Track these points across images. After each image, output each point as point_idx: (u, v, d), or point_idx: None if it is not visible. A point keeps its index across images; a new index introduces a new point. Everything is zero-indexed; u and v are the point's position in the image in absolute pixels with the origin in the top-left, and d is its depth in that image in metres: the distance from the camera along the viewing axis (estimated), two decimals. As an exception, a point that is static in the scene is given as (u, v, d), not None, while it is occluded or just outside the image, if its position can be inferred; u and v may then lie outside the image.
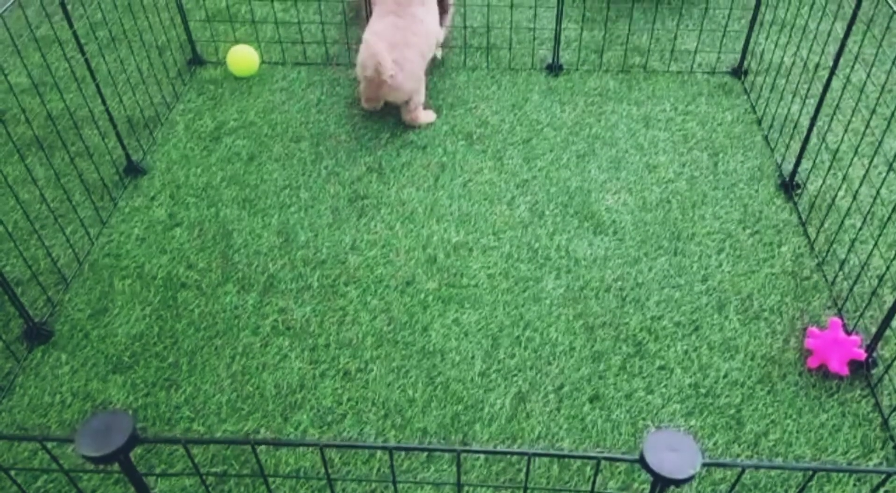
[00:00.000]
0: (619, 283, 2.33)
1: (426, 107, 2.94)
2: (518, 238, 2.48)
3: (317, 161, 2.77)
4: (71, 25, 2.31)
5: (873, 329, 2.11)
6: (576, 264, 2.39)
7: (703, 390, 2.05)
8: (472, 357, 2.13)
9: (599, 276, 2.35)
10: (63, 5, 2.26)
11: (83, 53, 2.40)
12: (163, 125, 2.95)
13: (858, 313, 2.20)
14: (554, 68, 3.20)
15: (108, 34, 3.20)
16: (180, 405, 2.02)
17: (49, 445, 1.82)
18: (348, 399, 2.04)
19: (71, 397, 2.03)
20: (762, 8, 3.02)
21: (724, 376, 2.08)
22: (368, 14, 3.09)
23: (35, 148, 2.79)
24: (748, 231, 2.49)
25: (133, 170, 2.72)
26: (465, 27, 3.42)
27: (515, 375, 2.09)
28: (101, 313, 2.25)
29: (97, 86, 2.50)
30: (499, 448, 1.92)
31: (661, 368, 2.10)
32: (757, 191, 2.63)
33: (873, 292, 2.22)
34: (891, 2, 2.17)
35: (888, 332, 2.13)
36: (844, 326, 2.14)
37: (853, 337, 2.05)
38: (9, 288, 2.04)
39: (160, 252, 2.44)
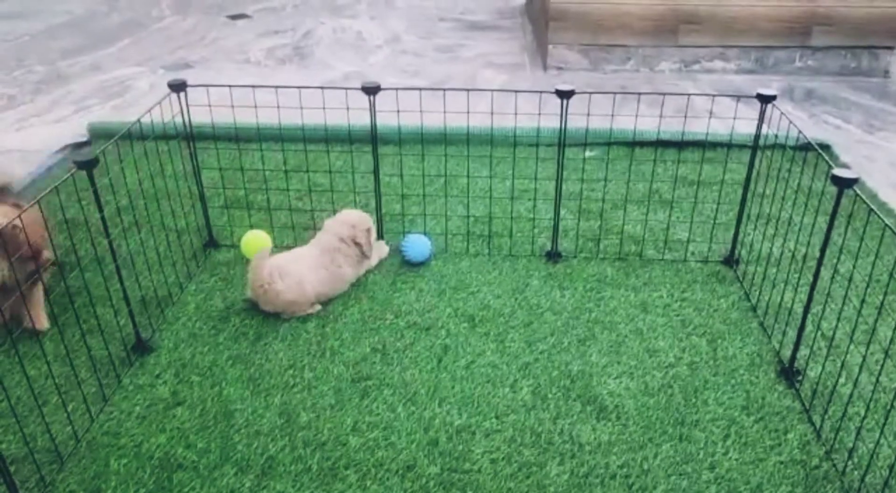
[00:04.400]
0: (625, 469, 2.28)
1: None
2: (521, 422, 2.46)
3: (322, 341, 2.82)
4: (101, 210, 2.47)
5: (890, 523, 2.04)
6: (580, 450, 2.35)
7: None
8: (475, 548, 2.04)
9: (604, 462, 2.30)
10: (95, 193, 2.43)
11: (108, 236, 2.54)
12: (174, 304, 3.03)
13: (873, 506, 2.14)
14: (553, 256, 3.35)
15: (133, 218, 3.38)
16: None
17: None
18: None
19: None
20: (748, 203, 3.22)
21: (740, 574, 1.98)
22: (379, 206, 3.29)
23: (49, 324, 2.86)
24: (752, 418, 2.47)
25: (141, 348, 2.76)
26: (468, 216, 3.62)
27: (520, 569, 1.99)
28: (94, 494, 2.19)
29: (117, 266, 2.62)
30: None
31: (673, 563, 2.00)
32: (758, 377, 2.65)
33: (885, 483, 2.16)
34: (866, 199, 2.32)
35: (906, 526, 2.06)
36: (860, 519, 2.07)
37: (870, 531, 1.98)
38: (4, 466, 2.00)
39: (159, 431, 2.42)
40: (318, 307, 3.00)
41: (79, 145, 4.48)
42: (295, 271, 2.95)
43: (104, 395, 2.56)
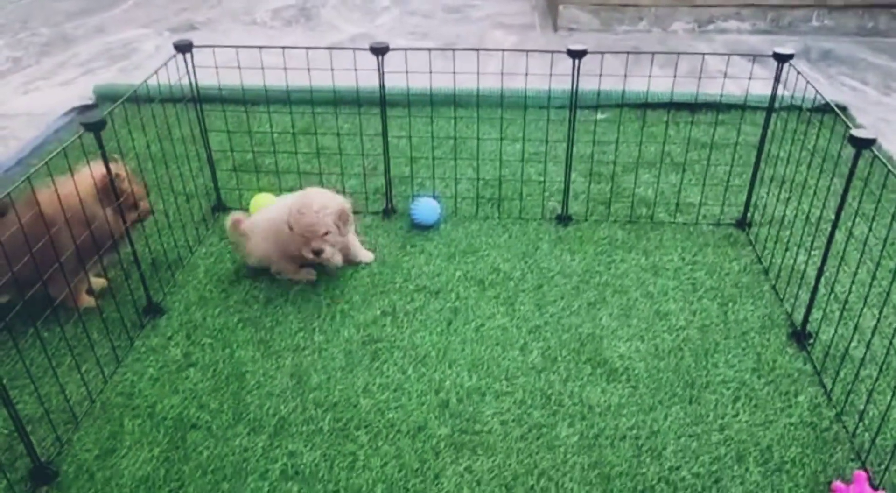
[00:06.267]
0: (635, 431, 2.29)
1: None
2: (531, 384, 2.47)
3: (332, 304, 2.82)
4: (109, 173, 2.45)
5: (900, 484, 2.05)
6: (590, 411, 2.36)
7: (726, 548, 1.96)
8: (485, 508, 2.06)
9: (614, 424, 2.31)
10: (104, 155, 2.41)
11: (117, 198, 2.54)
12: (184, 267, 3.04)
13: (883, 467, 2.14)
14: (563, 219, 3.33)
15: (141, 181, 3.37)
16: (181, 555, 1.94)
17: None
18: (356, 551, 1.95)
19: (69, 544, 1.96)
20: (762, 165, 3.18)
21: (748, 533, 1.99)
22: (388, 169, 3.27)
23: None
24: (763, 380, 2.47)
25: (152, 310, 2.78)
26: (477, 179, 3.59)
27: (530, 527, 2.01)
28: (109, 453, 2.22)
29: (126, 229, 2.62)
30: None
31: (682, 522, 2.02)
32: (769, 340, 2.64)
33: (896, 445, 2.17)
34: (884, 160, 2.29)
35: (916, 488, 2.07)
36: (870, 479, 2.08)
37: (880, 492, 1.99)
38: (21, 426, 2.03)
39: (172, 392, 2.44)
40: (313, 276, 2.96)
41: (85, 108, 4.45)
42: (265, 227, 2.92)
43: (117, 357, 2.58)
